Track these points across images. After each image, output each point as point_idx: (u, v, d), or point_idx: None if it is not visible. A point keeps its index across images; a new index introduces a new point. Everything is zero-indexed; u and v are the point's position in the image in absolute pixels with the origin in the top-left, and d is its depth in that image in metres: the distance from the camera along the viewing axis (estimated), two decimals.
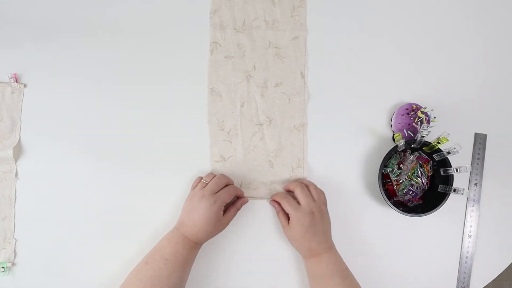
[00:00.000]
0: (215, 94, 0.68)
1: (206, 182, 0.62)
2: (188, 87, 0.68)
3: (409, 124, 0.65)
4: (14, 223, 0.66)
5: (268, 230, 0.66)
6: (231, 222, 0.63)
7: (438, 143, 0.60)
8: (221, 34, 0.68)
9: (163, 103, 0.68)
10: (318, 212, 0.60)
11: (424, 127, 0.59)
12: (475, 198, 0.68)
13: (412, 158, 0.65)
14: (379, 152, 0.67)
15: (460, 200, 0.67)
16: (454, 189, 0.60)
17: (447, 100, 0.68)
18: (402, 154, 0.66)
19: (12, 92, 0.67)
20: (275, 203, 0.64)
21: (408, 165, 0.65)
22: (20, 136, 0.67)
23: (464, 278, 0.66)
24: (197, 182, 0.64)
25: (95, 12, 0.69)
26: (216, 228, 0.61)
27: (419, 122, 0.64)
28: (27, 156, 0.67)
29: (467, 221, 0.67)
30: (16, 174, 0.66)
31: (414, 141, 0.63)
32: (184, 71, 0.68)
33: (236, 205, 0.64)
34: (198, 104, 0.68)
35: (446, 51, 0.69)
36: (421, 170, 0.66)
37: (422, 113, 0.64)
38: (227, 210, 0.62)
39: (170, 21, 0.69)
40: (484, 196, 0.68)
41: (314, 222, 0.59)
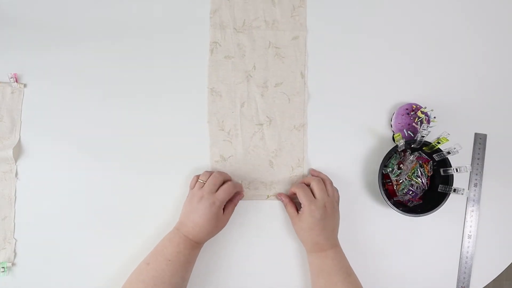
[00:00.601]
0: (215, 94, 0.68)
1: (203, 181, 0.61)
2: (188, 87, 0.68)
3: (409, 124, 0.65)
4: (14, 223, 0.66)
5: (268, 229, 0.66)
6: (232, 221, 0.63)
7: (438, 143, 0.60)
8: (221, 34, 0.68)
9: (163, 103, 0.68)
10: (330, 208, 0.60)
11: (424, 127, 0.59)
12: (475, 198, 0.68)
13: (412, 158, 0.65)
14: (379, 152, 0.67)
15: (460, 200, 0.67)
16: (454, 189, 0.60)
17: (447, 100, 0.68)
18: (402, 154, 0.66)
19: (12, 92, 0.67)
20: (282, 195, 0.65)
21: (408, 165, 0.65)
22: (20, 136, 0.67)
23: (464, 278, 0.66)
24: (194, 181, 0.63)
25: (95, 12, 0.69)
26: (217, 227, 0.61)
27: (419, 122, 0.64)
28: (27, 156, 0.67)
29: (467, 221, 0.67)
30: (16, 174, 0.66)
31: (414, 141, 0.63)
32: (184, 71, 0.68)
33: (234, 201, 0.64)
34: (198, 104, 0.68)
35: (446, 51, 0.69)
36: (421, 170, 0.66)
37: (422, 113, 0.64)
38: (225, 207, 0.62)
39: (170, 21, 0.69)
40: (484, 196, 0.68)
41: (325, 217, 0.59)
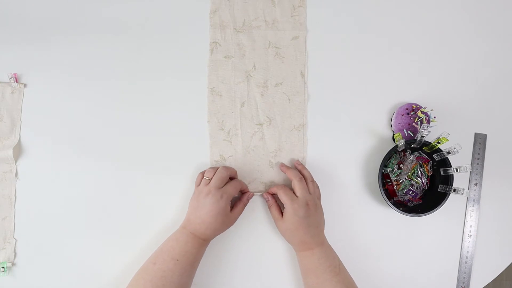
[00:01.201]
0: (215, 94, 0.68)
1: (209, 178, 0.61)
2: (188, 87, 0.68)
3: (409, 124, 0.65)
4: (14, 223, 0.66)
5: (268, 228, 0.66)
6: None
7: (438, 143, 0.60)
8: (221, 34, 0.68)
9: (163, 103, 0.68)
10: (313, 205, 0.60)
11: (424, 127, 0.59)
12: (475, 198, 0.67)
13: (412, 158, 0.65)
14: (379, 152, 0.67)
15: (460, 200, 0.67)
16: (454, 189, 0.60)
17: (447, 100, 0.68)
18: (402, 154, 0.66)
19: (12, 92, 0.67)
20: (268, 195, 0.64)
21: (408, 165, 0.65)
22: (20, 136, 0.67)
23: (464, 278, 0.66)
24: (200, 178, 0.63)
25: (95, 12, 0.69)
26: (224, 224, 0.61)
27: (419, 122, 0.64)
28: (27, 156, 0.67)
29: (467, 221, 0.67)
30: (16, 174, 0.66)
31: (414, 141, 0.63)
32: (184, 71, 0.68)
33: (243, 200, 0.63)
34: (198, 104, 0.68)
35: (446, 51, 0.69)
36: (421, 170, 0.66)
37: (422, 113, 0.64)
38: (234, 206, 0.62)
39: (170, 21, 0.69)
40: (484, 196, 0.68)
41: (309, 214, 0.59)
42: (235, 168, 0.66)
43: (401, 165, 0.66)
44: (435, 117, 0.65)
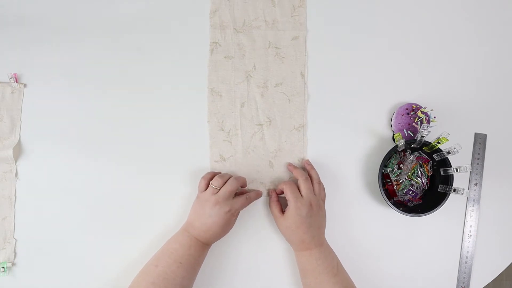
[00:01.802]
0: (215, 94, 0.68)
1: (217, 187, 0.60)
2: (188, 87, 0.68)
3: (409, 124, 0.65)
4: (14, 223, 0.66)
5: (268, 230, 0.66)
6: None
7: (438, 143, 0.60)
8: (221, 34, 0.68)
9: (163, 103, 0.68)
10: (316, 206, 0.60)
11: (424, 127, 0.59)
12: (475, 198, 0.67)
13: (412, 158, 0.65)
14: (379, 152, 0.67)
15: (460, 200, 0.67)
16: (454, 189, 0.60)
17: (447, 100, 0.68)
18: (402, 154, 0.66)
19: (12, 92, 0.67)
20: (273, 192, 0.65)
21: (408, 165, 0.65)
22: (20, 136, 0.67)
23: (464, 278, 0.66)
24: (204, 184, 0.62)
25: (95, 13, 0.69)
26: (228, 231, 0.62)
27: (419, 122, 0.64)
28: (27, 156, 0.67)
29: (467, 221, 0.67)
30: (16, 174, 0.66)
31: (414, 141, 0.63)
32: (184, 71, 0.68)
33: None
34: (198, 104, 0.68)
35: (446, 51, 0.69)
36: (421, 170, 0.66)
37: (422, 113, 0.64)
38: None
39: (170, 21, 0.69)
40: (484, 196, 0.68)
41: (311, 215, 0.59)
42: (235, 168, 0.66)
43: (401, 165, 0.66)
44: (435, 117, 0.65)
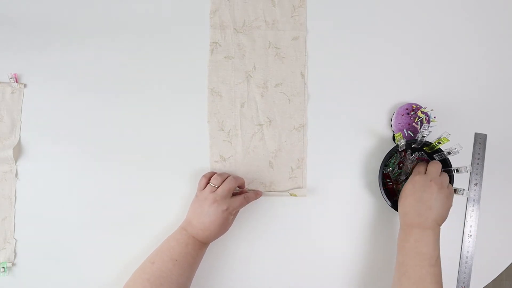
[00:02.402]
0: (215, 94, 0.68)
1: (215, 186, 0.60)
2: (188, 87, 0.68)
3: (409, 124, 0.65)
4: (14, 223, 0.66)
5: (267, 229, 0.66)
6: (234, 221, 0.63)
7: (439, 143, 0.60)
8: (221, 34, 0.68)
9: (163, 103, 0.68)
10: (437, 185, 0.58)
11: (425, 127, 0.59)
12: (475, 198, 0.67)
13: (413, 158, 0.65)
14: (379, 152, 0.67)
15: (460, 200, 0.67)
16: (455, 189, 0.60)
17: (447, 100, 0.68)
18: (402, 154, 0.66)
19: (12, 92, 0.67)
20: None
21: (409, 165, 0.65)
22: (20, 136, 0.67)
23: (464, 278, 0.66)
24: (204, 182, 0.62)
25: (95, 13, 0.69)
26: (226, 230, 0.61)
27: (419, 122, 0.64)
28: (27, 156, 0.67)
29: (467, 221, 0.67)
30: (16, 174, 0.66)
31: (415, 141, 0.63)
32: (184, 71, 0.68)
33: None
34: (198, 104, 0.68)
35: (446, 51, 0.69)
36: None
37: (422, 113, 0.64)
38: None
39: (170, 21, 0.69)
40: (484, 196, 0.68)
41: (425, 190, 0.57)
42: (235, 168, 0.66)
43: (401, 165, 0.66)
44: (435, 117, 0.65)
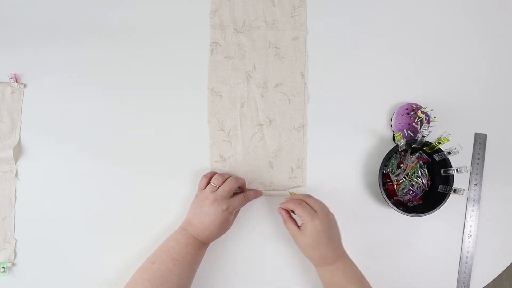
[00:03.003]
0: (215, 94, 0.68)
1: (216, 186, 0.60)
2: (188, 87, 0.68)
3: (409, 124, 0.65)
4: (14, 223, 0.66)
5: (267, 229, 0.66)
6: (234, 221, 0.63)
7: (439, 143, 0.60)
8: (221, 34, 0.68)
9: (163, 103, 0.68)
10: (330, 216, 0.59)
11: (425, 127, 0.59)
12: (475, 198, 0.67)
13: (413, 158, 0.65)
14: (379, 152, 0.67)
15: (460, 200, 0.67)
16: (454, 189, 0.60)
17: (447, 100, 0.68)
18: (402, 154, 0.66)
19: (12, 92, 0.67)
20: (282, 211, 0.62)
21: (409, 164, 0.65)
22: (20, 136, 0.67)
23: (464, 278, 0.66)
24: (204, 182, 0.62)
25: (95, 13, 0.69)
26: (226, 230, 0.61)
27: (419, 122, 0.64)
28: (27, 156, 0.67)
29: (467, 221, 0.67)
30: (16, 174, 0.66)
31: (415, 141, 0.63)
32: (184, 71, 0.68)
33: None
34: (198, 104, 0.68)
35: (446, 51, 0.69)
36: (421, 170, 0.66)
37: (422, 113, 0.64)
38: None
39: (170, 21, 0.69)
40: (484, 196, 0.68)
41: (329, 227, 0.58)
42: (235, 168, 0.66)
43: (401, 165, 0.66)
44: (435, 117, 0.65)
